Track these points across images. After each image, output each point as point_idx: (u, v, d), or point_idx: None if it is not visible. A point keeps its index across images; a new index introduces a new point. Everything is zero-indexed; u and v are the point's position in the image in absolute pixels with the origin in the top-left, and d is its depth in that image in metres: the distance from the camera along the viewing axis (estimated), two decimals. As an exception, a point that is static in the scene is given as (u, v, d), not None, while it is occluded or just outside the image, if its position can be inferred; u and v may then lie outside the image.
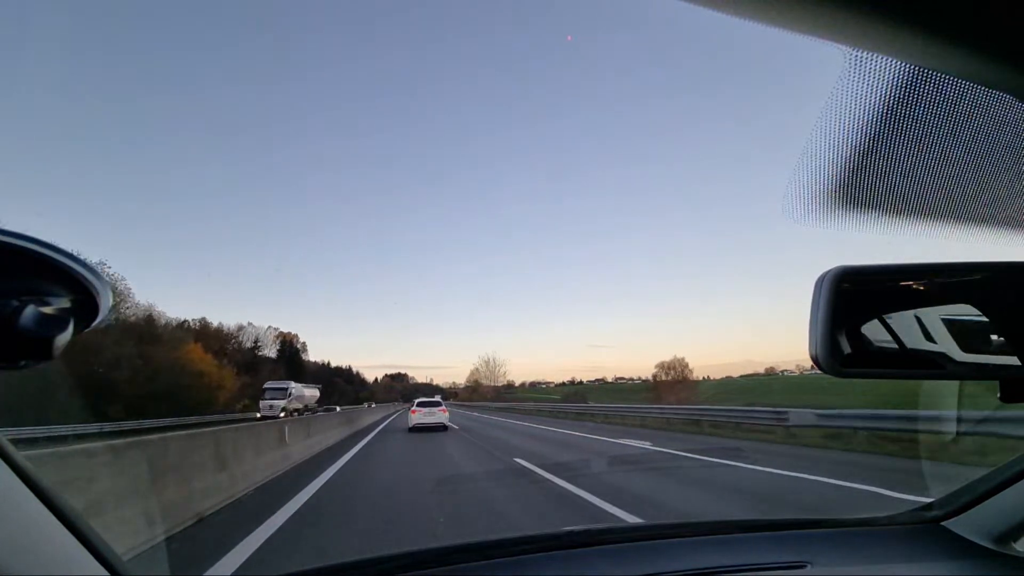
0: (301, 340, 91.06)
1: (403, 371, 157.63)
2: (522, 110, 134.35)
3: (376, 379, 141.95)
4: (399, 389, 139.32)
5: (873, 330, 0.76)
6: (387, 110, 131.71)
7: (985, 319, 0.74)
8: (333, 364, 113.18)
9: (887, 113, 0.56)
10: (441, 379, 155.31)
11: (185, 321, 60.95)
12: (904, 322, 0.76)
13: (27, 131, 69.55)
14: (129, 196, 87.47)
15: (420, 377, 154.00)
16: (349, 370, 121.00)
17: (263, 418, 28.35)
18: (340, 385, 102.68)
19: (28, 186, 67.42)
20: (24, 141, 69.64)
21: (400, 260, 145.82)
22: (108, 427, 27.56)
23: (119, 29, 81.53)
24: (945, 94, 0.54)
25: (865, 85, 0.53)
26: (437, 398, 26.88)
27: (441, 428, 17.60)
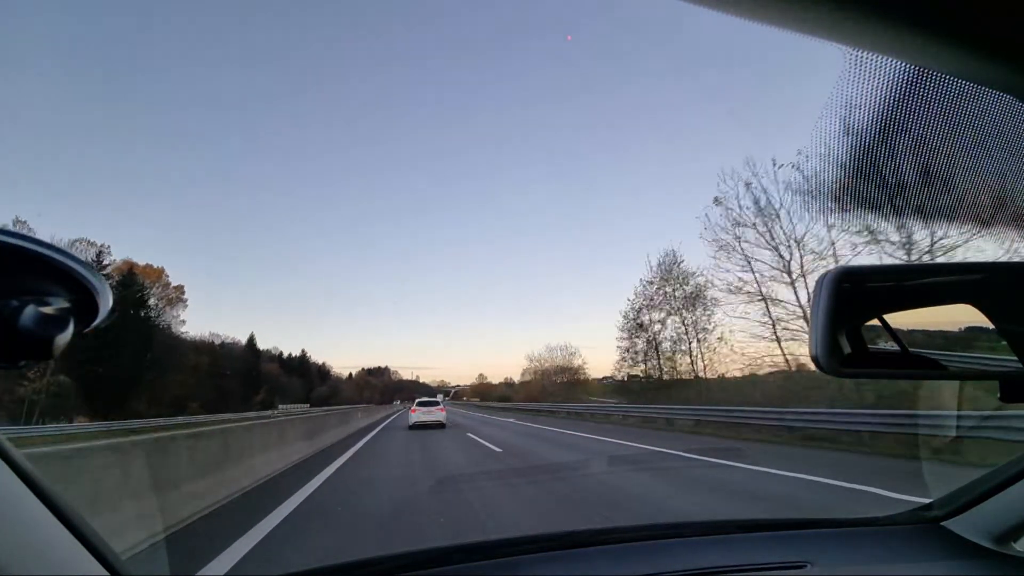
0: (172, 282, 51.18)
1: (384, 365, 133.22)
2: (517, 109, 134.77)
3: (351, 374, 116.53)
4: (378, 387, 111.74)
5: (873, 330, 0.76)
6: (377, 104, 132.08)
7: (985, 319, 0.74)
8: (280, 351, 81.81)
9: (887, 113, 0.56)
10: (427, 377, 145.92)
11: None
12: (904, 322, 0.76)
13: (27, 131, 69.49)
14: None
15: (405, 374, 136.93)
16: (302, 358, 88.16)
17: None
18: (275, 376, 69.95)
19: (28, 186, 67.27)
20: (24, 141, 69.61)
21: (381, 259, 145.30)
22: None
23: (118, 29, 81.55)
24: (945, 94, 0.54)
25: (865, 85, 0.53)
26: (438, 398, 27.36)
27: (439, 426, 18.81)
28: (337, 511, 5.15)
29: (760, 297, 19.45)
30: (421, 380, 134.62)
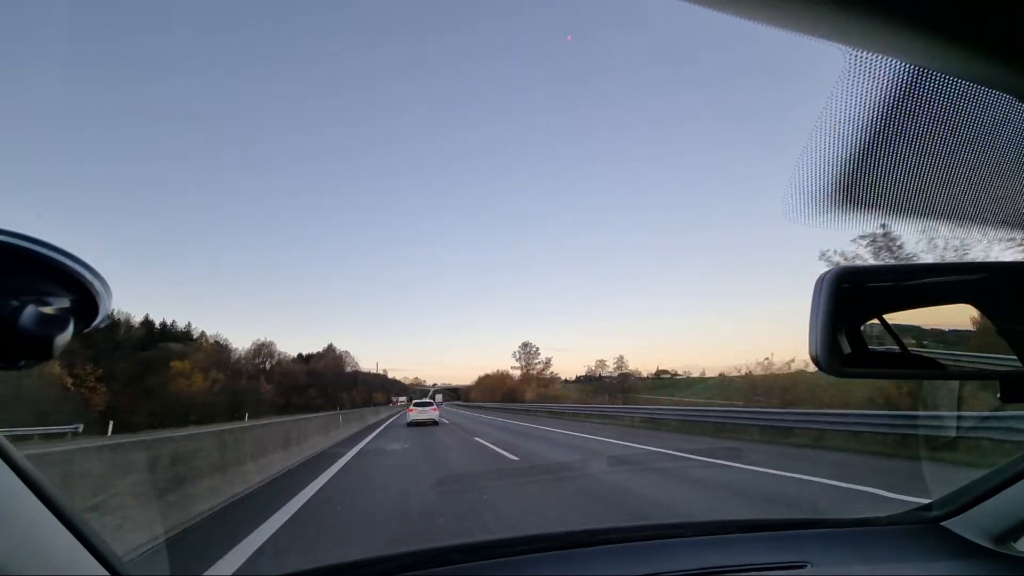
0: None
1: (328, 344, 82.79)
2: (516, 109, 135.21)
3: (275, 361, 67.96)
4: (303, 377, 65.14)
5: (873, 330, 0.76)
6: (367, 102, 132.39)
7: (985, 319, 0.74)
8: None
9: (887, 113, 0.56)
10: (397, 375, 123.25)
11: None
12: (904, 322, 0.76)
13: (27, 131, 69.45)
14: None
15: (367, 365, 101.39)
16: (158, 327, 55.52)
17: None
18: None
19: (28, 186, 67.24)
20: (24, 141, 69.57)
21: (372, 255, 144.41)
22: None
23: (118, 30, 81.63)
24: (945, 94, 0.54)
25: (865, 85, 0.53)
26: (439, 398, 28.11)
27: (433, 424, 20.06)
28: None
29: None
30: (391, 376, 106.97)
